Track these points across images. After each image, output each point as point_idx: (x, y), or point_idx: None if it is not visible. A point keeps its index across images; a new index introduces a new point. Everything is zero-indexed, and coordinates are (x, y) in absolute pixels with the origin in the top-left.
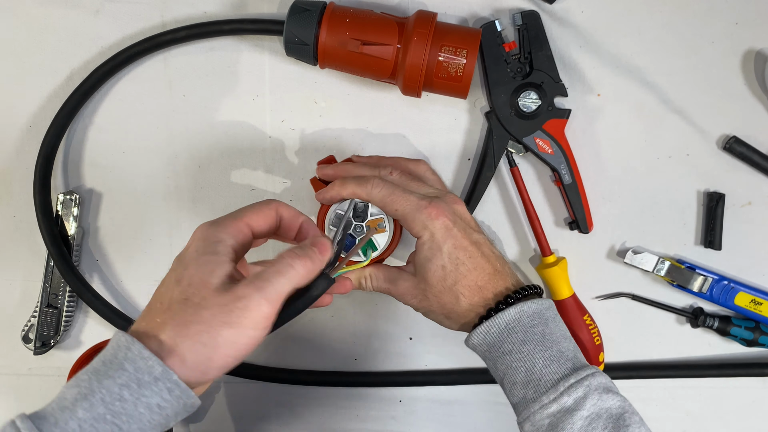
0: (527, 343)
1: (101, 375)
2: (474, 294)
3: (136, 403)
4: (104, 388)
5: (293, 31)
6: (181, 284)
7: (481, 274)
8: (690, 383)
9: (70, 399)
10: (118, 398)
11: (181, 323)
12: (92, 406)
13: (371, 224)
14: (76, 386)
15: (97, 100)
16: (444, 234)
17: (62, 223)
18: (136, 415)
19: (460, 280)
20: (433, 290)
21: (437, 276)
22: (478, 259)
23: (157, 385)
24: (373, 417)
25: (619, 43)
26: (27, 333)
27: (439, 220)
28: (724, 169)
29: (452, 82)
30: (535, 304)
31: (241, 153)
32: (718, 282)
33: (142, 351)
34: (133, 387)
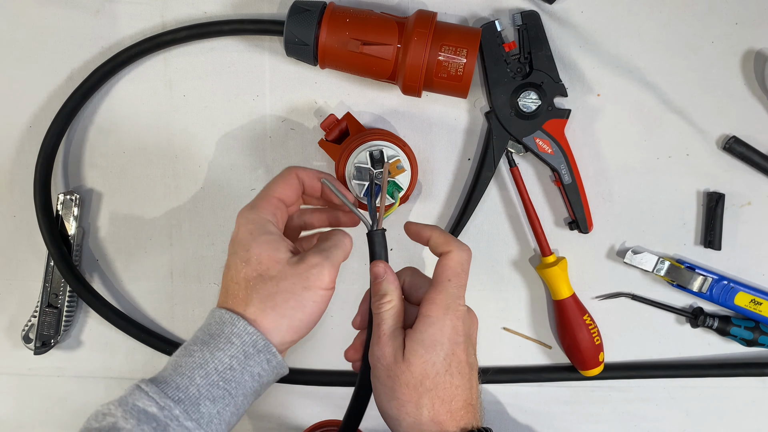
0: None
1: (212, 347)
2: (441, 414)
3: (243, 372)
4: (216, 359)
5: (293, 31)
6: (251, 263)
7: (459, 396)
8: (690, 383)
9: (186, 367)
10: (229, 368)
11: (265, 296)
12: (207, 374)
13: (391, 167)
14: (190, 355)
15: (97, 100)
16: (452, 335)
17: (62, 223)
18: (242, 382)
19: (437, 389)
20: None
21: (421, 369)
22: (465, 380)
23: (259, 357)
24: (374, 417)
25: (619, 43)
26: (27, 333)
27: (456, 321)
28: (724, 169)
29: (452, 82)
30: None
31: (241, 153)
32: (718, 282)
33: (246, 327)
34: (240, 358)
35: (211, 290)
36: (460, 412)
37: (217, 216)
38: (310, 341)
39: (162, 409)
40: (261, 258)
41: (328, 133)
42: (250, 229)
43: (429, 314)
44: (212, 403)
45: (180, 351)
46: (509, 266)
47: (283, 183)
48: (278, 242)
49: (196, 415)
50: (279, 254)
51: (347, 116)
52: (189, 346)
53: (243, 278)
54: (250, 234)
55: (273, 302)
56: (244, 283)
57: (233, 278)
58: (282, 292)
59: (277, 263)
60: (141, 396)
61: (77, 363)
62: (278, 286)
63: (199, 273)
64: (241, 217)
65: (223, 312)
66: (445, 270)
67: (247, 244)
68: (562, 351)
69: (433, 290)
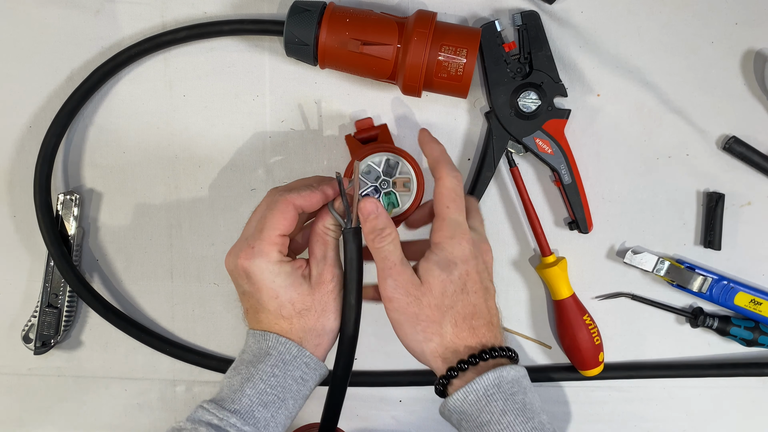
0: (507, 413)
1: (255, 363)
2: (464, 330)
3: (285, 377)
4: (260, 371)
5: (293, 32)
6: (285, 307)
7: (478, 315)
8: (690, 383)
9: (237, 384)
10: (272, 375)
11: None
12: (255, 385)
13: (398, 182)
14: (239, 374)
15: (97, 100)
16: (462, 257)
17: (62, 223)
18: (287, 386)
19: (457, 306)
20: (429, 300)
21: (440, 288)
22: (481, 300)
23: (296, 361)
24: (373, 417)
25: (618, 43)
26: (27, 333)
27: (466, 244)
28: (724, 169)
29: (452, 82)
30: (514, 370)
31: (241, 153)
32: (718, 282)
33: (278, 338)
34: (280, 365)
35: (211, 290)
36: (481, 329)
37: (217, 216)
38: None
39: (221, 420)
40: (294, 300)
41: (358, 132)
42: (269, 278)
43: (438, 241)
44: (265, 408)
45: (230, 373)
46: (509, 266)
47: (281, 217)
48: (299, 279)
49: (251, 420)
50: (304, 288)
51: (383, 127)
52: (237, 367)
53: (284, 320)
54: (272, 282)
55: (322, 326)
56: (287, 323)
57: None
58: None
59: (307, 296)
60: (204, 412)
61: (77, 363)
62: (317, 311)
63: (199, 273)
64: (253, 266)
65: (255, 332)
66: (441, 199)
67: (273, 292)
68: (562, 351)
69: (437, 221)
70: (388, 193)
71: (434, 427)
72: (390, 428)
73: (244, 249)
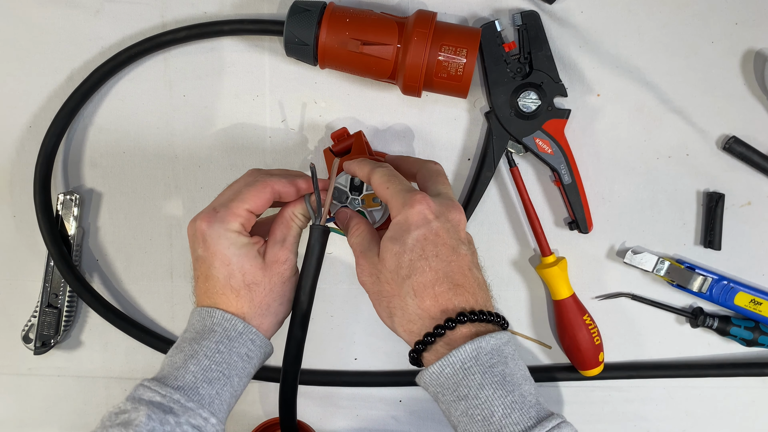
0: (485, 387)
1: (199, 339)
2: (425, 299)
3: (230, 353)
4: (204, 347)
5: (293, 31)
6: (235, 276)
7: (441, 279)
8: (690, 383)
9: (179, 361)
10: (216, 351)
11: (260, 300)
12: (199, 361)
13: (366, 198)
14: (181, 351)
15: (97, 100)
16: (418, 221)
17: (62, 223)
18: (232, 363)
19: (415, 275)
20: (385, 275)
21: (393, 261)
22: (445, 262)
23: (242, 338)
24: (373, 417)
25: (618, 43)
26: (27, 333)
27: (418, 206)
28: (724, 169)
29: (452, 82)
30: (494, 339)
31: (241, 153)
32: (718, 282)
33: (224, 314)
34: (225, 342)
35: None
36: (446, 294)
37: None
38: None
39: (164, 396)
40: (245, 270)
41: (335, 144)
42: (225, 245)
43: (393, 216)
44: (209, 384)
45: (172, 351)
46: (509, 266)
47: (256, 194)
48: (253, 251)
49: (196, 396)
50: (257, 261)
51: (357, 135)
52: (179, 345)
53: (230, 291)
54: (227, 248)
55: (267, 305)
56: (234, 295)
57: (218, 290)
58: (270, 293)
59: (259, 270)
60: (145, 390)
61: (77, 363)
62: (265, 290)
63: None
64: (211, 231)
65: (200, 310)
66: (379, 188)
67: (226, 258)
68: (562, 351)
69: (387, 204)
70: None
71: (434, 427)
72: (390, 428)
73: (207, 212)
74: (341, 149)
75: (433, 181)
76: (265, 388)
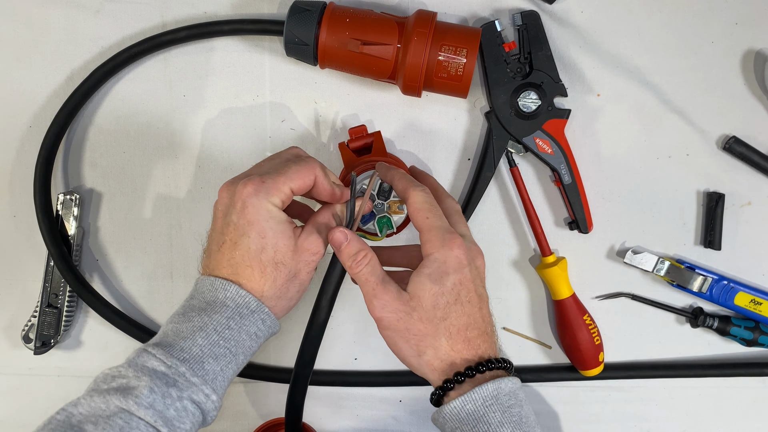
0: (504, 425)
1: (209, 311)
2: (458, 342)
3: (240, 331)
4: (215, 321)
5: (293, 31)
6: (267, 251)
7: (472, 325)
8: (690, 383)
9: (187, 331)
10: (227, 327)
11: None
12: (207, 335)
13: (392, 204)
14: (189, 321)
15: (97, 100)
16: (455, 266)
17: (62, 223)
18: (240, 341)
19: (451, 317)
20: (420, 314)
21: (431, 301)
22: (476, 309)
23: (254, 317)
24: (373, 417)
25: (618, 43)
26: (27, 333)
27: (457, 250)
28: (724, 169)
29: (452, 82)
30: (511, 382)
31: (241, 153)
32: (718, 282)
33: (239, 290)
34: (236, 318)
35: None
36: (476, 341)
37: None
38: None
39: (170, 368)
40: (278, 247)
41: (352, 140)
42: (265, 216)
43: (429, 252)
44: (215, 360)
45: (177, 318)
46: (509, 266)
47: (302, 176)
48: (289, 231)
49: (201, 371)
50: (291, 243)
51: (376, 135)
52: (187, 313)
53: (258, 264)
54: (266, 221)
55: (286, 289)
56: (260, 269)
57: (245, 261)
58: (293, 279)
59: (290, 251)
60: (149, 357)
61: (77, 363)
62: (289, 274)
63: (199, 273)
64: (254, 198)
65: (213, 280)
66: (417, 213)
67: (263, 230)
68: (562, 351)
69: (422, 235)
70: (383, 217)
71: (434, 427)
72: (390, 428)
73: (254, 180)
74: (357, 147)
75: (455, 220)
76: (265, 388)
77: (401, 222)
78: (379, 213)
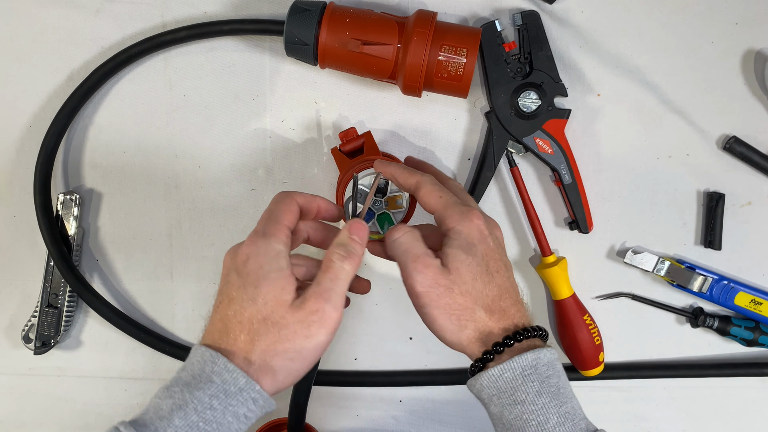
0: (542, 394)
1: (192, 387)
2: (495, 312)
3: (224, 412)
4: (196, 399)
5: (293, 31)
6: (257, 303)
7: (505, 295)
8: (690, 383)
9: (166, 409)
10: (209, 407)
11: (268, 344)
12: (186, 415)
13: (390, 201)
14: (170, 397)
15: (97, 100)
16: (479, 236)
17: (62, 223)
18: (224, 423)
19: (487, 288)
20: (461, 287)
21: (469, 273)
22: (504, 278)
23: (242, 395)
24: (373, 417)
25: (619, 43)
26: (27, 333)
27: (476, 221)
28: (724, 169)
29: (452, 82)
30: (550, 353)
31: (241, 153)
32: (718, 282)
33: (227, 365)
34: (221, 397)
35: (211, 290)
36: (511, 309)
37: (217, 216)
38: None
39: None
40: (267, 299)
41: (343, 144)
42: (261, 263)
43: (452, 226)
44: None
45: (162, 392)
46: None
47: (287, 210)
48: (286, 280)
49: None
50: (285, 296)
51: (367, 135)
52: (171, 387)
53: (247, 319)
54: (261, 268)
55: (274, 351)
56: (248, 326)
57: (237, 315)
58: (283, 341)
59: (280, 306)
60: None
61: (77, 363)
62: (280, 335)
63: (199, 273)
64: (253, 246)
65: (203, 350)
66: (429, 195)
67: (256, 280)
68: (562, 351)
69: (438, 213)
70: (382, 214)
71: (434, 427)
72: (390, 428)
73: (250, 235)
74: (350, 149)
75: (464, 197)
76: None
77: (402, 218)
78: (378, 211)
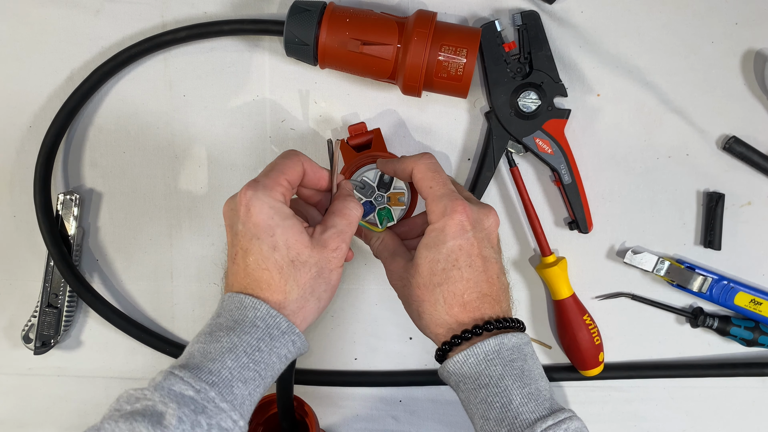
0: (505, 377)
1: (239, 332)
2: (454, 306)
3: (270, 353)
4: (245, 342)
5: (293, 31)
6: (279, 249)
7: (471, 289)
8: (690, 383)
9: (215, 352)
10: (257, 349)
11: (303, 284)
12: (237, 357)
13: (392, 196)
14: (217, 341)
15: (97, 100)
16: (456, 231)
17: (62, 223)
18: (270, 363)
19: (447, 284)
20: (417, 280)
21: (427, 268)
22: (478, 272)
23: (284, 338)
24: (373, 417)
25: (618, 43)
26: (27, 333)
27: (458, 216)
28: (724, 169)
29: (452, 82)
30: (515, 337)
31: (241, 153)
32: (718, 282)
33: (269, 310)
34: (267, 340)
35: (211, 290)
36: (474, 303)
37: (217, 216)
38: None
39: (198, 392)
40: (289, 243)
41: (351, 137)
42: (269, 213)
43: (431, 221)
44: (244, 384)
45: (204, 338)
46: (509, 266)
47: (291, 166)
48: (299, 225)
49: (230, 396)
50: (304, 237)
51: (376, 131)
52: (214, 332)
53: (273, 266)
54: (271, 218)
55: (311, 288)
56: (277, 271)
57: (260, 264)
58: (316, 277)
59: (305, 248)
60: (176, 381)
61: (77, 363)
62: (311, 272)
63: (199, 273)
64: (255, 199)
65: (242, 297)
66: (421, 182)
67: (270, 229)
68: (562, 351)
69: (427, 204)
70: (383, 209)
71: (434, 427)
72: (390, 428)
73: (249, 184)
74: (357, 144)
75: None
76: None
77: (402, 215)
78: (380, 205)
